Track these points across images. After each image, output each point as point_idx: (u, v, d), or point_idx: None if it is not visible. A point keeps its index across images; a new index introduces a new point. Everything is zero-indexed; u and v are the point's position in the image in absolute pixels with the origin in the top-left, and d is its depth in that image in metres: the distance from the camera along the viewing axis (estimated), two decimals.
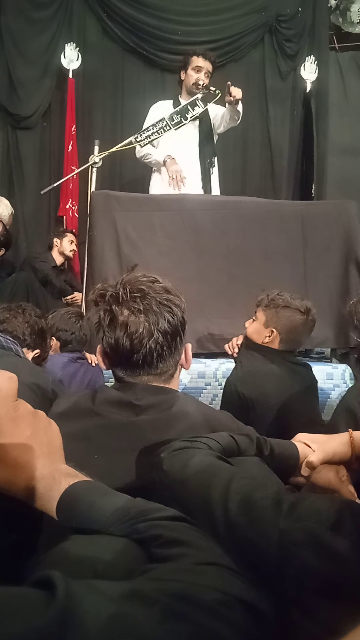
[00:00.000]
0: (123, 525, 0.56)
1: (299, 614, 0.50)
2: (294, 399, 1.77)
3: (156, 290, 1.00)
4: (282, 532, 0.57)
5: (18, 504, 0.62)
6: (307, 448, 0.96)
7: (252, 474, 0.82)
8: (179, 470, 0.74)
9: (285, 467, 0.92)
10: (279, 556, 0.56)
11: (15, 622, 0.37)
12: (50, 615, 0.37)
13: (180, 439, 0.84)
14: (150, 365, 0.99)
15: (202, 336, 2.65)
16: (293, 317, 1.85)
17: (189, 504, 0.68)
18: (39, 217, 4.71)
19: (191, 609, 0.42)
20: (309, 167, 4.82)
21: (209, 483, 0.69)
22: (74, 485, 0.61)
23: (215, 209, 2.76)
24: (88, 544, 0.55)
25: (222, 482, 0.69)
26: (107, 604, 0.40)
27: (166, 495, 0.73)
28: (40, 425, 0.66)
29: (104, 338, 1.00)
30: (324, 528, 0.56)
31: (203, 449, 0.81)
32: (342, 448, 0.96)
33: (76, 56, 4.54)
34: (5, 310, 1.79)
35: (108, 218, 2.63)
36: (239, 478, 0.70)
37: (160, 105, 3.45)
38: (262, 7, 4.78)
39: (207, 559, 0.51)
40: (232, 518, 0.63)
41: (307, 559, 0.54)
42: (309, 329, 1.91)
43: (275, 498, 0.64)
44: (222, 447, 0.85)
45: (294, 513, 0.60)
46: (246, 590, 0.47)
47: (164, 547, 0.52)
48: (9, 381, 0.64)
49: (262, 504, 0.63)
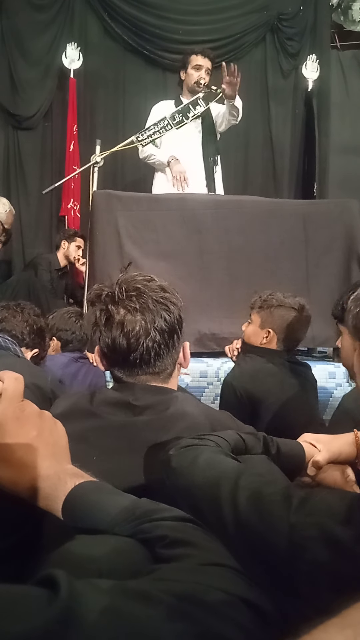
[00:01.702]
0: (128, 525, 0.56)
1: (308, 607, 0.50)
2: (293, 399, 1.77)
3: (152, 288, 0.99)
4: (293, 526, 0.57)
5: (24, 504, 0.62)
6: (313, 448, 0.97)
7: (261, 471, 0.82)
8: (187, 467, 0.75)
9: (292, 466, 0.92)
10: (290, 551, 0.56)
11: (18, 620, 0.37)
12: (53, 613, 0.37)
13: (188, 437, 0.84)
14: (147, 364, 0.99)
15: (203, 335, 2.65)
16: (288, 316, 1.87)
17: (198, 500, 0.68)
18: (40, 217, 4.71)
19: (196, 609, 0.42)
20: (311, 166, 4.81)
21: (217, 480, 0.69)
22: (79, 486, 0.61)
23: (217, 208, 2.76)
24: (93, 544, 0.55)
25: (231, 479, 0.68)
26: (111, 604, 0.40)
27: (174, 493, 0.73)
28: (46, 425, 0.67)
29: (101, 338, 1.00)
30: (335, 522, 0.56)
31: (211, 446, 0.81)
32: (347, 448, 0.96)
33: (77, 56, 4.54)
34: (4, 309, 1.79)
35: (110, 218, 2.63)
36: (247, 474, 0.70)
37: (162, 105, 3.45)
38: (263, 5, 4.78)
39: (212, 559, 0.51)
40: (242, 514, 0.62)
41: (318, 554, 0.54)
42: (305, 326, 1.92)
43: (285, 493, 0.64)
44: (230, 445, 0.85)
45: (305, 508, 0.60)
46: (251, 590, 0.47)
47: (169, 547, 0.52)
48: (15, 382, 0.64)
49: (272, 499, 0.63)
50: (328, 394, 2.53)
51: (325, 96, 4.95)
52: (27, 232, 4.61)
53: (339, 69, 5.09)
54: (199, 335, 2.63)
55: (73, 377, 2.22)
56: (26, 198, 4.61)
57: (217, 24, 4.72)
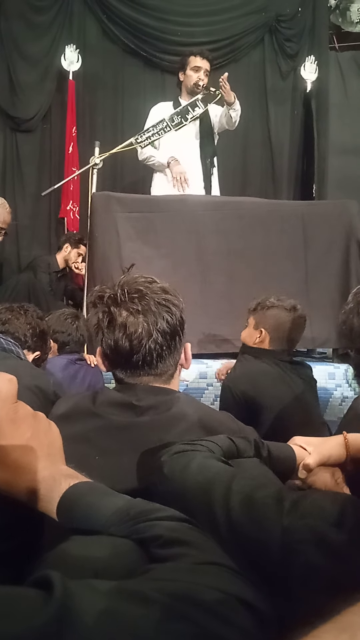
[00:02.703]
0: (123, 525, 0.56)
1: (302, 610, 0.50)
2: (289, 398, 1.79)
3: (154, 290, 1.00)
4: (285, 529, 0.57)
5: (18, 506, 0.62)
6: (303, 450, 0.97)
7: (253, 475, 0.81)
8: (179, 473, 0.75)
9: (282, 469, 0.92)
10: (283, 554, 0.56)
11: (13, 621, 0.37)
12: (48, 614, 0.37)
13: (180, 442, 0.84)
14: (150, 365, 1.00)
15: (203, 337, 2.65)
16: (279, 315, 1.90)
17: (191, 506, 0.68)
18: (39, 219, 4.72)
19: (191, 609, 0.42)
20: (310, 167, 4.81)
21: (210, 484, 0.69)
22: (74, 487, 0.61)
23: (216, 210, 2.76)
24: (88, 544, 0.55)
25: (223, 483, 0.69)
26: (106, 604, 0.40)
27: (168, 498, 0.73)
28: (41, 426, 0.66)
29: (103, 340, 1.00)
30: (327, 525, 0.56)
31: (203, 451, 0.81)
32: (337, 450, 0.96)
33: (76, 58, 4.54)
34: (7, 311, 1.78)
35: (109, 219, 2.63)
36: (239, 478, 0.70)
37: (160, 106, 3.45)
38: (261, 7, 4.79)
39: (208, 558, 0.51)
40: (234, 517, 0.62)
41: (311, 556, 0.54)
42: (298, 327, 1.94)
43: (277, 496, 0.64)
44: (222, 450, 0.85)
45: (297, 511, 0.60)
46: (246, 590, 0.47)
47: (164, 547, 0.52)
48: (9, 383, 0.64)
49: (264, 502, 0.63)
50: (328, 394, 2.53)
51: (323, 97, 4.95)
52: (23, 234, 4.60)
53: (338, 70, 5.10)
54: (199, 337, 2.63)
55: (72, 379, 2.22)
56: (24, 200, 4.61)
57: (215, 25, 4.73)
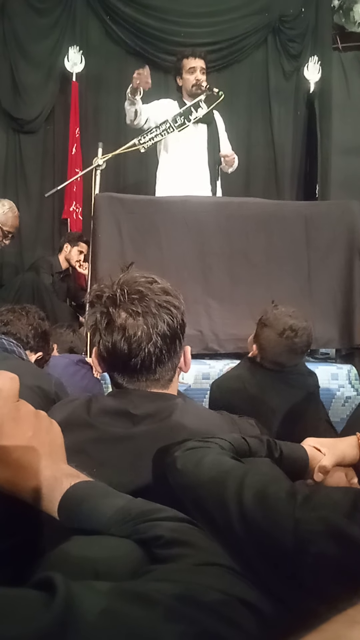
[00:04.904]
0: (124, 525, 0.56)
1: (316, 602, 0.50)
2: (270, 408, 1.78)
3: (155, 291, 0.96)
4: (298, 521, 0.58)
5: (20, 505, 0.62)
6: (316, 451, 0.96)
7: (265, 471, 0.82)
8: (193, 468, 0.75)
9: (295, 470, 0.92)
10: (295, 546, 0.56)
11: (15, 623, 0.37)
12: (50, 616, 0.37)
13: (192, 439, 0.84)
14: (148, 370, 0.96)
15: (206, 337, 2.65)
16: (269, 337, 1.85)
17: (204, 501, 0.69)
18: (43, 220, 4.73)
19: (193, 610, 0.42)
20: (313, 168, 4.81)
21: (222, 479, 0.70)
22: (75, 486, 0.61)
23: (219, 210, 2.76)
24: (89, 544, 0.55)
25: (236, 478, 0.69)
26: (108, 605, 0.40)
27: (180, 493, 0.73)
28: (42, 425, 0.66)
29: (101, 341, 0.96)
30: (340, 516, 0.57)
31: (215, 448, 0.82)
32: (351, 451, 0.97)
33: (79, 59, 4.55)
34: (9, 312, 1.79)
35: (112, 220, 2.63)
36: (252, 474, 0.71)
37: (164, 102, 3.37)
38: (264, 7, 4.79)
39: (209, 559, 0.51)
40: (247, 511, 0.63)
41: (324, 548, 0.54)
42: (287, 351, 1.85)
43: (290, 490, 0.64)
44: (234, 448, 0.85)
45: (309, 503, 0.60)
46: (248, 590, 0.47)
47: (165, 547, 0.52)
48: (11, 382, 0.64)
49: (277, 496, 0.63)
50: (331, 395, 2.53)
51: (326, 97, 4.95)
52: (26, 235, 4.61)
53: (341, 70, 5.09)
54: (201, 337, 2.63)
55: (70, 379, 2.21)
56: (27, 201, 4.61)
57: (218, 26, 4.73)
